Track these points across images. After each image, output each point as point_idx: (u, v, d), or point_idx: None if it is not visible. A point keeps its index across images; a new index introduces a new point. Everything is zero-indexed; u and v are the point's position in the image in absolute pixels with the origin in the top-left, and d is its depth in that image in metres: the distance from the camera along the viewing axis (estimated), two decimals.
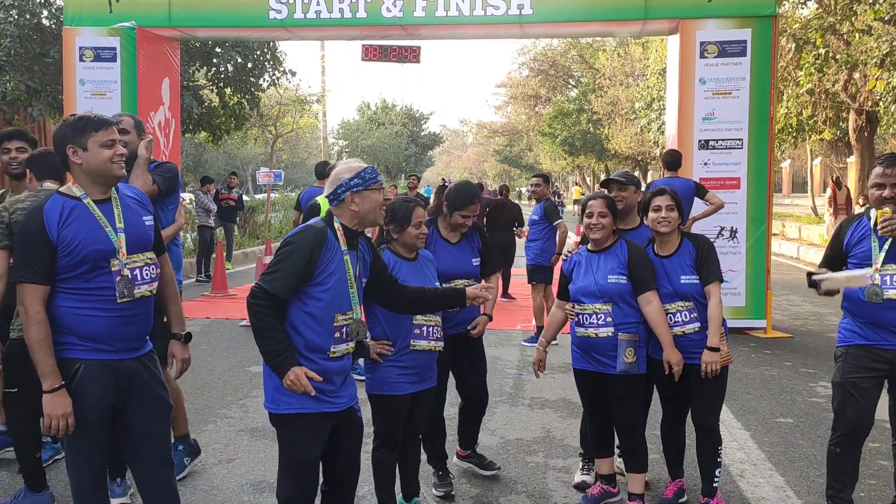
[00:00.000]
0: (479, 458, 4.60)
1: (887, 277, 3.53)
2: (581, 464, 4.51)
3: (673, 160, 8.22)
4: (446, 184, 4.67)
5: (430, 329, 3.71)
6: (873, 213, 3.61)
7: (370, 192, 3.17)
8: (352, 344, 3.17)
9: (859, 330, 3.66)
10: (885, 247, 3.55)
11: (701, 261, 3.89)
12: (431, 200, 4.97)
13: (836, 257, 3.79)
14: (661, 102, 21.70)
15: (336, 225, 3.16)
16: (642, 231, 4.25)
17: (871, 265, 3.56)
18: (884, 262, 3.55)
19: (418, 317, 3.67)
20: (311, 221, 3.19)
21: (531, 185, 8.85)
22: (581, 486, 4.35)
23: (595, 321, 3.89)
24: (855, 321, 3.68)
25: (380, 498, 3.80)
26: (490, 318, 4.35)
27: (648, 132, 25.82)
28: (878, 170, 3.55)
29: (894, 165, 3.50)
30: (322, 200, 5.11)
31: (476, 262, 4.34)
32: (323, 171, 9.29)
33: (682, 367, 3.80)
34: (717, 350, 3.78)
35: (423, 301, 3.51)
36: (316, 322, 3.05)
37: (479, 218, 11.34)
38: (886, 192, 3.49)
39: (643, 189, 4.49)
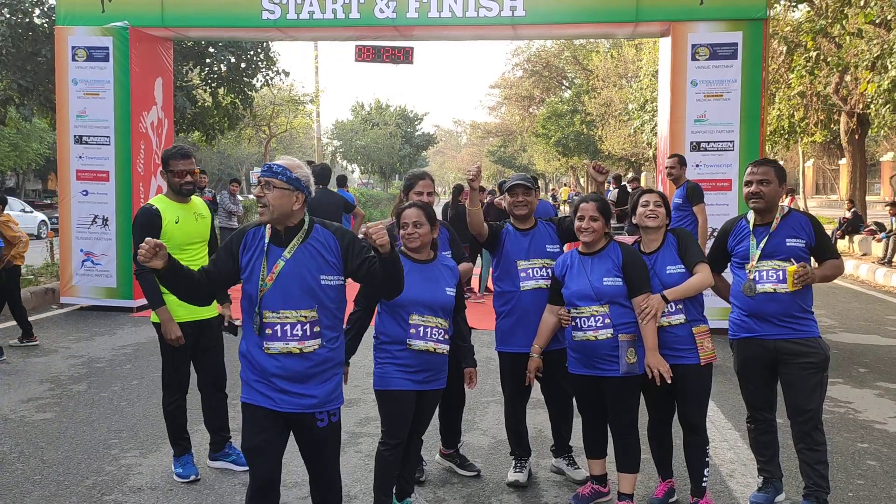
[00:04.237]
0: (460, 459, 4.64)
1: (764, 273, 3.91)
2: (514, 462, 4.53)
3: None
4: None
5: (429, 330, 3.73)
6: (751, 215, 4.03)
7: None
8: (293, 344, 3.06)
9: (744, 322, 4.04)
10: (761, 245, 3.93)
11: (683, 249, 3.97)
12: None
13: (721, 256, 4.22)
14: (654, 104, 21.76)
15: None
16: (538, 229, 4.38)
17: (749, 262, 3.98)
18: (759, 259, 3.94)
19: (415, 316, 3.70)
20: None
21: None
22: (514, 485, 4.39)
23: (594, 324, 3.88)
24: (740, 314, 4.05)
25: (376, 496, 3.80)
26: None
27: (642, 133, 25.88)
28: (749, 169, 4.02)
29: (761, 166, 3.98)
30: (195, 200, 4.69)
31: (447, 252, 4.36)
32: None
33: (668, 371, 3.80)
34: (666, 301, 3.84)
35: (379, 280, 3.12)
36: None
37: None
38: (753, 188, 3.95)
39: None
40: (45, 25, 13.98)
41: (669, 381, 3.80)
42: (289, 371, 3.06)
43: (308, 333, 3.05)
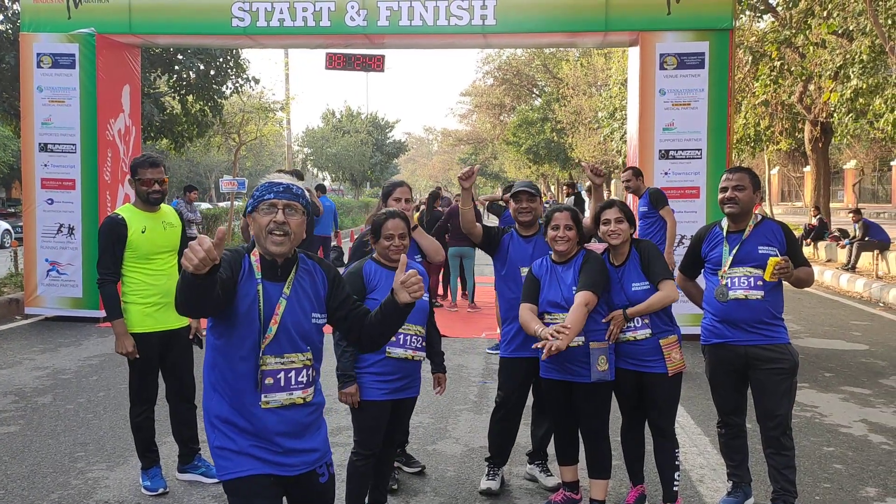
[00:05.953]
0: (406, 457, 4.76)
1: (736, 279, 3.96)
2: (487, 469, 4.51)
3: None
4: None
5: (409, 337, 3.74)
6: (725, 221, 4.09)
7: (257, 213, 2.58)
8: (297, 393, 2.62)
9: (715, 328, 4.07)
10: (734, 251, 3.98)
11: (646, 264, 3.96)
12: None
13: (695, 263, 4.28)
14: (623, 112, 21.97)
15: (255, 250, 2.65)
16: (541, 235, 4.33)
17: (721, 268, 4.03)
18: (731, 265, 3.99)
19: None
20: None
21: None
22: (487, 493, 4.38)
23: None
24: (712, 320, 4.09)
25: None
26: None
27: (611, 141, 26.13)
28: (725, 175, 4.10)
29: (736, 172, 4.05)
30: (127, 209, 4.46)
31: (418, 258, 4.38)
32: None
33: (559, 343, 3.48)
34: (628, 319, 3.86)
35: (373, 326, 2.75)
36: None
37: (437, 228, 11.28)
38: (728, 194, 4.01)
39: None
40: (10, 31, 13.74)
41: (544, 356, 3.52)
42: (292, 425, 2.61)
43: (309, 380, 2.66)
